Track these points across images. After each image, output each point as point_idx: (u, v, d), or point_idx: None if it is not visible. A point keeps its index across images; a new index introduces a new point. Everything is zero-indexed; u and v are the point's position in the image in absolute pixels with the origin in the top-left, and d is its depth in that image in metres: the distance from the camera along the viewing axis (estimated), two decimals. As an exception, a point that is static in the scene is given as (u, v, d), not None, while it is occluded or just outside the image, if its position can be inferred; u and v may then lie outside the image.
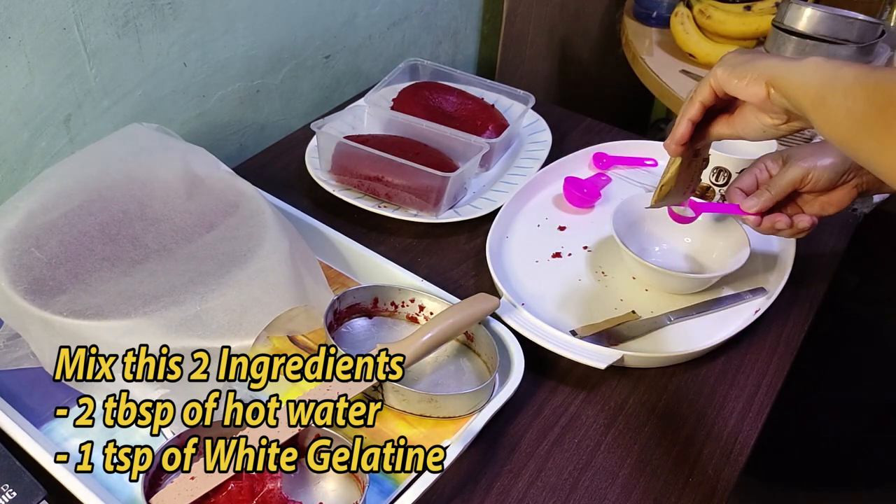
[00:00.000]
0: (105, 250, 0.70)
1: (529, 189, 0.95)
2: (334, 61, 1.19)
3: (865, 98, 0.50)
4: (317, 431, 0.63)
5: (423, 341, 0.68)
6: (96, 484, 0.61)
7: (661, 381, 0.75)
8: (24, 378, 0.68)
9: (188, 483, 0.58)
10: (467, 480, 0.65)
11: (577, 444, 0.69)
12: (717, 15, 1.33)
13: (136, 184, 0.77)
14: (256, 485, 0.59)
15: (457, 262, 0.87)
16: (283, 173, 1.00)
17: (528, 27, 1.55)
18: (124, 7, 0.85)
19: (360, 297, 0.76)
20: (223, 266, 0.69)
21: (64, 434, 0.65)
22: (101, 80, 0.87)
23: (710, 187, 0.86)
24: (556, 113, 1.11)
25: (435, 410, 0.67)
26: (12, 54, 0.78)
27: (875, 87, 0.50)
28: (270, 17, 1.04)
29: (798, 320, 0.82)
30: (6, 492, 0.57)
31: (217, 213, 0.75)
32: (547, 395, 0.73)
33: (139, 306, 0.64)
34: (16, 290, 0.65)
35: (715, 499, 0.65)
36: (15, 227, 0.70)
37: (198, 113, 1.01)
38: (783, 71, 0.57)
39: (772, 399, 0.74)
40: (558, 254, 0.88)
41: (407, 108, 1.02)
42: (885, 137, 0.49)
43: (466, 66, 1.53)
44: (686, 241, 0.87)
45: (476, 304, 0.71)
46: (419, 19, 1.32)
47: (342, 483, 0.62)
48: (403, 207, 0.92)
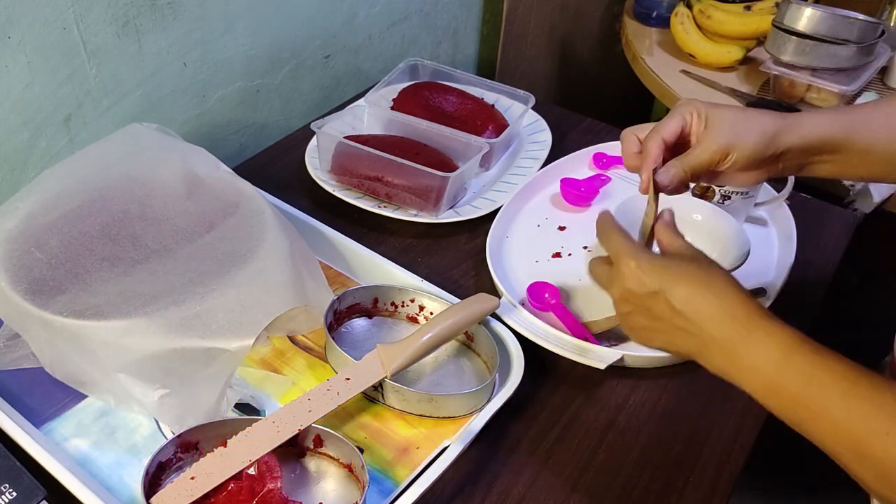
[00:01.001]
0: (105, 250, 0.70)
1: (529, 189, 0.95)
2: (334, 61, 1.19)
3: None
4: (317, 431, 0.63)
5: (423, 341, 0.68)
6: (96, 484, 0.61)
7: (661, 381, 0.75)
8: (24, 378, 0.68)
9: (188, 483, 0.58)
10: (467, 480, 0.65)
11: (577, 444, 0.69)
12: (717, 15, 1.33)
13: (136, 184, 0.77)
14: (256, 485, 0.59)
15: (457, 262, 0.87)
16: (283, 173, 1.00)
17: (528, 27, 1.55)
18: (124, 7, 0.85)
19: (360, 297, 0.76)
20: (223, 266, 0.69)
21: (64, 434, 0.65)
22: (101, 80, 0.87)
23: (710, 187, 0.86)
24: (556, 113, 1.11)
25: (435, 410, 0.67)
26: (12, 54, 0.78)
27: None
28: (270, 17, 1.04)
29: (798, 320, 0.81)
30: (6, 492, 0.57)
31: (217, 213, 0.75)
32: (547, 395, 0.73)
33: (139, 306, 0.64)
34: (16, 290, 0.65)
35: (715, 499, 0.65)
36: (15, 227, 0.70)
37: (198, 113, 1.01)
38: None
39: (772, 399, 0.73)
40: (558, 254, 0.88)
41: (407, 108, 1.02)
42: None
43: (466, 66, 1.53)
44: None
45: (476, 304, 0.71)
46: (419, 19, 1.32)
47: (342, 483, 0.62)
48: (403, 207, 0.92)
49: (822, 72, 1.18)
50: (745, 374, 0.54)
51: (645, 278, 0.57)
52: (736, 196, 0.86)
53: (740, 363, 0.54)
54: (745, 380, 0.54)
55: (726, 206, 0.86)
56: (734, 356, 0.54)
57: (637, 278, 0.58)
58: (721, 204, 0.86)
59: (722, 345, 0.54)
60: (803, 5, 1.16)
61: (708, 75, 1.32)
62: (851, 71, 1.17)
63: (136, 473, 0.62)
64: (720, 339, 0.54)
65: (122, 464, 0.63)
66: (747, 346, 0.53)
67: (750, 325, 0.54)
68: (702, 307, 0.55)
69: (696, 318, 0.55)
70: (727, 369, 0.55)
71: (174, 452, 0.61)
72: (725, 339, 0.54)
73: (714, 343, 0.55)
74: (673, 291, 0.56)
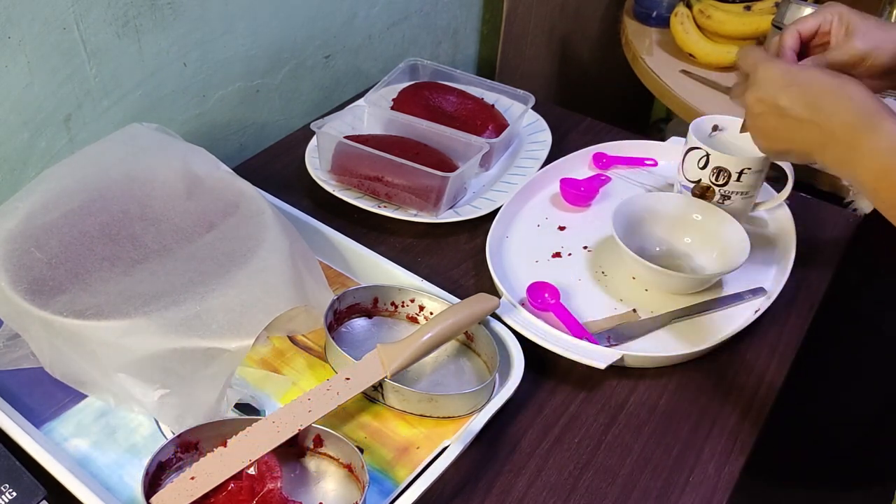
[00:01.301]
0: (105, 250, 0.70)
1: (529, 189, 0.95)
2: (334, 61, 1.19)
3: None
4: (317, 431, 0.63)
5: (423, 341, 0.68)
6: (96, 484, 0.61)
7: (661, 381, 0.75)
8: (24, 378, 0.68)
9: (188, 483, 0.58)
10: (467, 480, 0.65)
11: (578, 444, 0.69)
12: (717, 15, 1.33)
13: (136, 184, 0.77)
14: (256, 485, 0.59)
15: (457, 262, 0.87)
16: (283, 173, 1.00)
17: (528, 27, 1.55)
18: (124, 7, 0.85)
19: (360, 297, 0.76)
20: (223, 266, 0.69)
21: (64, 434, 0.65)
22: (101, 80, 0.87)
23: (710, 187, 0.86)
24: (556, 113, 1.11)
25: (435, 410, 0.67)
26: (12, 54, 0.78)
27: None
28: (270, 17, 1.04)
29: (798, 320, 0.82)
30: (6, 492, 0.57)
31: (217, 212, 0.75)
32: (547, 394, 0.73)
33: (139, 306, 0.64)
34: (16, 290, 0.65)
35: (715, 499, 0.65)
36: (15, 227, 0.70)
37: (198, 113, 1.01)
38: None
39: (772, 399, 0.74)
40: (558, 254, 0.88)
41: (407, 108, 1.02)
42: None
43: (466, 66, 1.53)
44: (686, 241, 0.87)
45: (476, 304, 0.71)
46: (419, 19, 1.32)
47: (342, 483, 0.63)
48: (403, 207, 0.92)
49: (822, 72, 1.17)
50: (864, 158, 0.57)
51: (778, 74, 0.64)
52: (736, 196, 0.86)
53: (860, 148, 0.57)
54: (862, 164, 0.57)
55: (726, 206, 0.86)
56: (855, 144, 0.58)
57: (773, 79, 0.64)
58: (721, 204, 0.86)
59: (846, 133, 0.58)
60: (803, 5, 1.16)
61: (708, 75, 1.32)
62: (851, 71, 1.17)
63: (136, 473, 0.62)
64: (846, 127, 0.58)
65: (122, 464, 0.63)
66: (869, 132, 0.57)
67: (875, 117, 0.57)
68: (831, 100, 0.60)
69: (827, 108, 0.60)
70: (847, 156, 0.59)
71: (174, 452, 0.61)
72: (850, 126, 0.58)
73: (839, 132, 0.59)
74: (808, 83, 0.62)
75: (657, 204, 0.87)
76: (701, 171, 0.86)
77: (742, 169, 0.84)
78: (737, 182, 0.85)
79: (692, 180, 0.87)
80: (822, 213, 0.97)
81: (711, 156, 0.84)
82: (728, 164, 0.84)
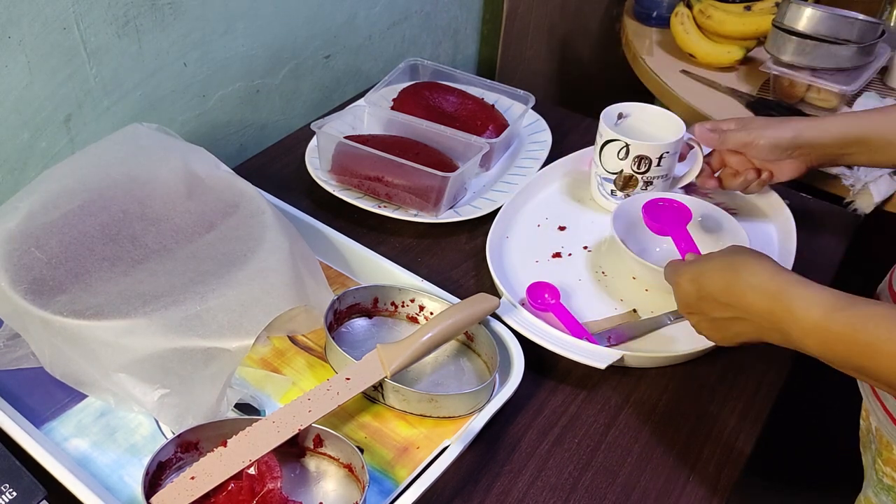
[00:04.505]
0: (105, 250, 0.70)
1: (529, 189, 0.95)
2: (334, 61, 1.19)
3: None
4: (317, 431, 0.63)
5: (423, 341, 0.68)
6: (96, 484, 0.61)
7: (661, 381, 0.75)
8: (24, 378, 0.68)
9: (188, 483, 0.58)
10: (467, 480, 0.65)
11: (578, 444, 0.69)
12: (717, 15, 1.33)
13: (136, 184, 0.77)
14: (256, 485, 0.59)
15: (457, 262, 0.87)
16: (283, 173, 1.00)
17: (528, 27, 1.55)
18: (124, 7, 0.85)
19: (360, 297, 0.76)
20: (223, 266, 0.69)
21: (64, 434, 0.65)
22: (101, 80, 0.87)
23: (633, 176, 0.87)
24: (556, 113, 1.11)
25: (435, 410, 0.67)
26: (12, 54, 0.78)
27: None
28: (270, 17, 1.04)
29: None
30: (6, 492, 0.57)
31: (217, 213, 0.75)
32: (547, 395, 0.73)
33: (139, 306, 0.64)
34: (16, 290, 0.65)
35: (715, 499, 0.65)
36: (15, 227, 0.70)
37: (198, 113, 1.01)
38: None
39: (772, 399, 0.74)
40: (558, 254, 0.88)
41: (407, 108, 1.02)
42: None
43: (466, 66, 1.53)
44: (686, 241, 0.87)
45: (476, 304, 0.71)
46: (419, 19, 1.32)
47: (342, 483, 0.63)
48: (403, 207, 0.92)
49: (822, 72, 1.18)
50: (798, 340, 0.58)
51: (689, 287, 0.65)
52: (658, 180, 0.89)
53: (790, 333, 0.58)
54: (801, 345, 0.58)
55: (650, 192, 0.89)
56: (783, 329, 0.58)
57: (685, 291, 0.66)
58: (645, 190, 0.89)
59: (770, 320, 0.59)
60: (803, 5, 1.16)
61: (708, 75, 1.32)
62: (852, 71, 1.18)
63: (136, 473, 0.62)
64: (766, 316, 0.59)
65: (122, 464, 0.63)
66: (791, 316, 0.57)
67: (786, 297, 0.58)
68: (738, 293, 0.61)
69: (740, 304, 0.61)
70: (783, 341, 0.60)
71: (174, 452, 0.61)
72: (770, 314, 0.59)
73: (763, 321, 0.60)
74: (711, 289, 0.63)
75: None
76: (622, 162, 0.88)
77: (661, 154, 0.86)
78: (657, 167, 0.87)
79: (613, 172, 0.89)
80: (822, 213, 0.97)
81: (631, 146, 0.86)
82: (648, 151, 0.86)
